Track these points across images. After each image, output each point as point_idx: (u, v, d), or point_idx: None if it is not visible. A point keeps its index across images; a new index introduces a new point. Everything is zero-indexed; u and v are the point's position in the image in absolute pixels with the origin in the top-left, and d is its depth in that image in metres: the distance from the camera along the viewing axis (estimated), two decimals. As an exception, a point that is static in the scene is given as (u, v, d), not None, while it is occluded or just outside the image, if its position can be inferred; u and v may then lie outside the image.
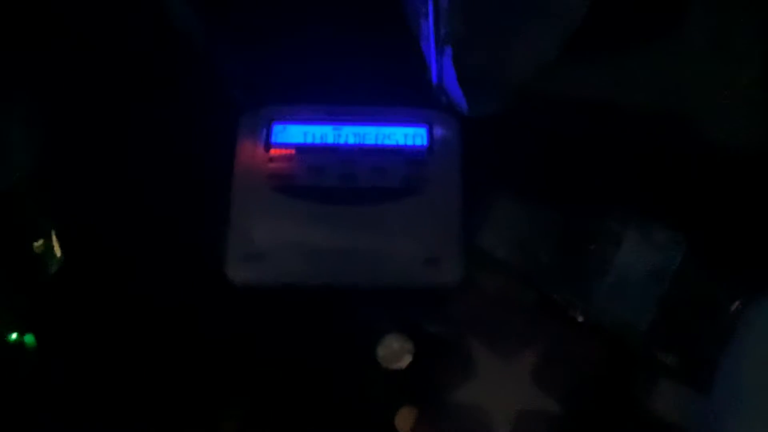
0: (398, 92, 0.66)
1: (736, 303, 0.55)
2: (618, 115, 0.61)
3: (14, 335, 0.61)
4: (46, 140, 0.65)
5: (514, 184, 0.62)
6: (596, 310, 0.57)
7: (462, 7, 0.58)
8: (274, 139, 0.64)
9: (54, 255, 0.62)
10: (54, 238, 0.63)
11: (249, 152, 0.64)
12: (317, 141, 0.64)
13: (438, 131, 0.64)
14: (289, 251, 0.60)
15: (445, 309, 0.60)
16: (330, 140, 0.64)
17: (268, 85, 0.66)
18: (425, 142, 0.64)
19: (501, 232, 0.61)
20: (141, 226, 0.64)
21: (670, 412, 0.55)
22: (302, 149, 0.64)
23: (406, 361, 0.59)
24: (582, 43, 0.61)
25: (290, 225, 0.61)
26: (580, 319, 0.59)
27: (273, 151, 0.63)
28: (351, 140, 0.64)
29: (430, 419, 0.57)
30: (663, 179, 0.61)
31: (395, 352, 0.59)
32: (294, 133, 0.64)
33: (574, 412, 0.57)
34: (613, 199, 0.60)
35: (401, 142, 0.64)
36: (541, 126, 0.63)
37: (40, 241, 0.62)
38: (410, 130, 0.64)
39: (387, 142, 0.64)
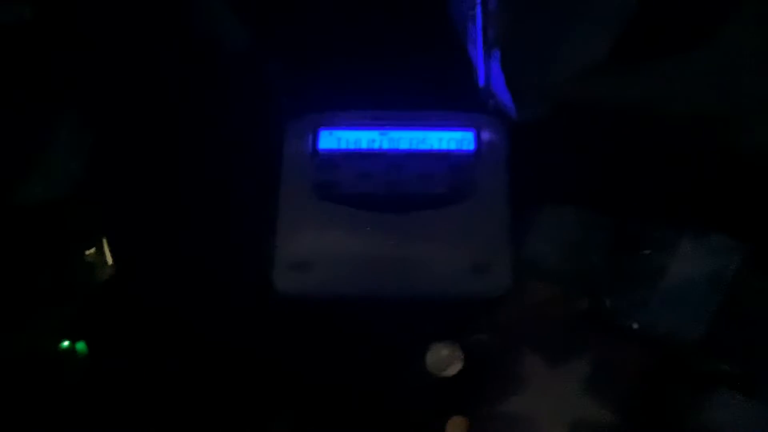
0: (445, 96, 0.65)
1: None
2: (669, 118, 0.60)
3: (66, 342, 0.62)
4: (96, 148, 0.66)
5: (564, 189, 0.61)
6: (650, 318, 0.56)
7: (510, 10, 0.57)
8: (320, 145, 0.64)
9: (105, 263, 0.63)
10: (105, 246, 0.63)
11: (296, 160, 0.63)
12: (363, 147, 0.63)
13: (485, 135, 0.63)
14: (336, 261, 0.60)
15: (495, 317, 0.59)
16: (376, 146, 0.63)
17: (314, 92, 0.66)
18: (472, 147, 0.63)
19: (551, 239, 0.60)
20: (190, 234, 0.64)
21: (726, 423, 0.54)
22: (349, 155, 0.63)
23: (455, 368, 0.58)
24: (630, 46, 0.59)
25: (338, 234, 0.60)
26: (635, 326, 0.57)
27: (320, 158, 0.63)
28: (397, 145, 0.63)
29: (480, 429, 0.56)
30: (719, 184, 0.59)
31: (444, 360, 0.58)
32: (340, 140, 0.64)
33: (626, 422, 0.55)
34: (667, 204, 0.59)
35: (448, 146, 0.63)
36: (589, 130, 0.62)
37: (92, 250, 0.63)
38: (457, 135, 0.63)
39: (434, 146, 0.63)
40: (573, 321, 0.59)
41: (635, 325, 0.57)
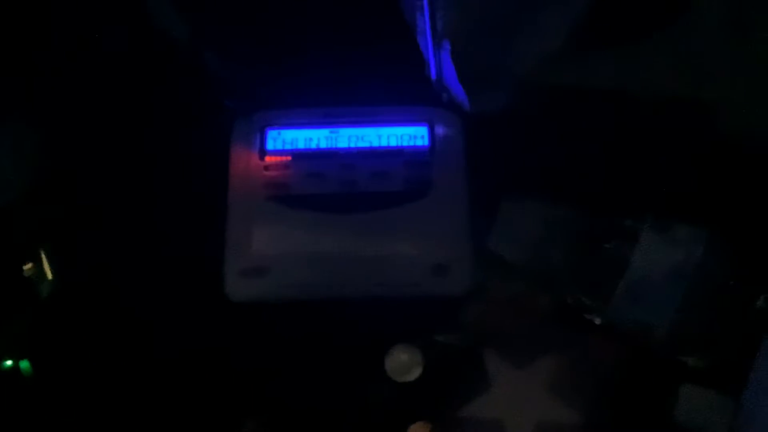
0: (396, 90, 0.63)
1: (761, 299, 0.52)
2: (629, 106, 0.58)
3: (9, 362, 0.59)
4: (41, 153, 0.63)
5: (523, 184, 0.59)
6: (614, 312, 0.55)
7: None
8: (268, 145, 0.61)
9: (45, 278, 0.60)
10: (44, 260, 0.60)
11: (243, 160, 0.61)
12: (314, 146, 0.61)
13: (440, 130, 0.61)
14: (289, 264, 0.58)
15: (456, 317, 0.58)
16: (327, 144, 0.61)
17: (261, 89, 0.63)
18: (427, 142, 0.61)
19: (511, 235, 0.58)
20: (134, 242, 0.61)
21: (694, 416, 0.52)
22: (299, 155, 0.61)
23: (415, 373, 0.56)
24: (588, 32, 0.57)
25: (290, 236, 0.58)
26: (598, 321, 0.56)
27: (268, 159, 0.61)
28: (349, 143, 0.61)
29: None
30: (679, 172, 0.58)
31: (404, 364, 0.56)
32: (289, 139, 0.62)
33: (594, 420, 0.54)
34: (627, 194, 0.57)
35: (402, 143, 0.61)
36: (548, 121, 0.60)
37: (30, 264, 0.60)
38: (411, 130, 0.61)
39: (387, 143, 0.61)
40: (536, 319, 0.57)
41: (597, 321, 0.56)
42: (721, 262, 0.53)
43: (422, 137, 0.61)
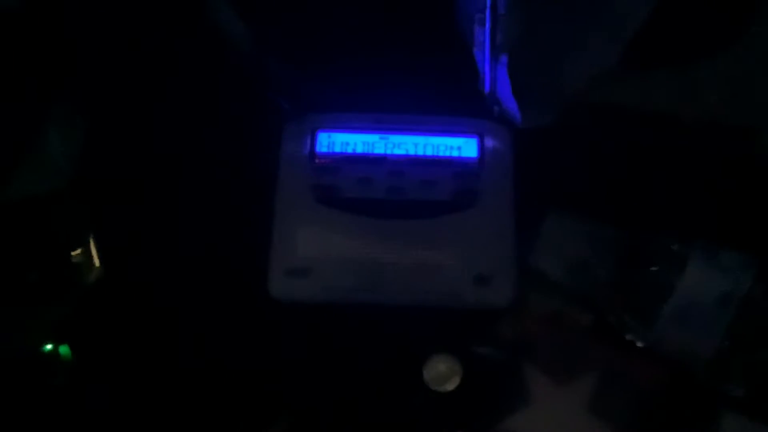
0: (448, 101, 0.63)
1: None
2: (681, 128, 0.58)
3: (49, 346, 0.59)
4: (87, 146, 0.63)
5: (571, 200, 0.59)
6: (657, 336, 0.54)
7: (520, 14, 0.55)
8: (318, 148, 0.62)
9: (92, 265, 0.61)
10: (93, 247, 0.61)
11: (293, 162, 0.61)
12: (364, 151, 0.61)
13: (489, 142, 0.61)
14: (333, 267, 0.58)
15: (497, 330, 0.58)
16: (377, 150, 0.61)
17: (314, 93, 0.64)
18: (476, 154, 0.61)
19: (556, 251, 0.58)
20: (182, 238, 0.62)
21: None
22: (348, 159, 0.61)
23: (454, 383, 0.56)
24: (642, 53, 0.57)
25: (335, 239, 0.59)
26: (640, 344, 0.56)
27: (318, 161, 0.61)
28: (399, 150, 0.61)
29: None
30: (731, 198, 0.57)
31: (442, 374, 0.56)
32: (340, 142, 0.62)
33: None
34: (676, 218, 0.57)
35: (451, 153, 0.61)
36: (598, 139, 0.60)
37: (79, 251, 0.61)
38: (460, 141, 0.62)
39: (436, 153, 0.61)
40: (578, 337, 0.57)
41: (639, 342, 0.56)
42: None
43: (472, 149, 0.61)
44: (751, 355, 0.53)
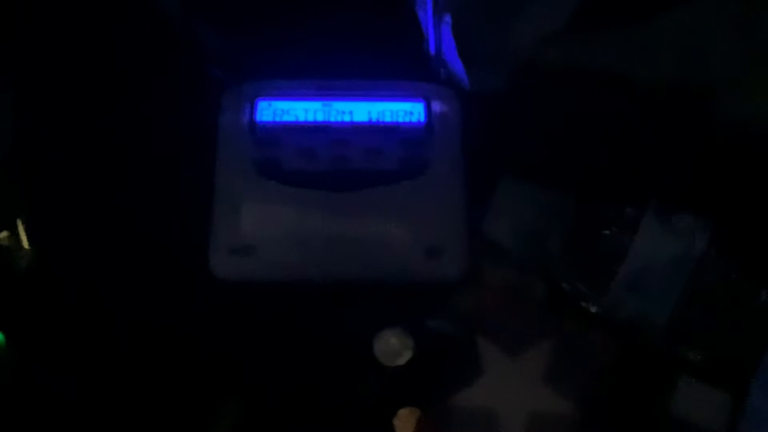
0: (393, 65, 0.61)
1: (764, 294, 0.51)
2: (632, 89, 0.56)
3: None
4: (16, 122, 0.60)
5: (520, 166, 0.57)
6: (611, 302, 0.53)
7: (463, -28, 0.53)
8: (258, 117, 0.59)
9: (21, 248, 0.58)
10: (21, 229, 0.58)
11: (232, 134, 0.58)
12: (306, 119, 0.59)
13: (437, 107, 0.59)
14: (278, 243, 0.56)
15: (449, 302, 0.56)
16: (319, 118, 0.59)
17: (251, 60, 0.61)
18: (423, 119, 0.59)
19: (507, 219, 0.57)
20: (117, 216, 0.59)
21: (692, 411, 0.51)
22: (290, 129, 0.58)
23: (405, 357, 0.54)
24: (591, 12, 0.55)
25: (279, 214, 0.56)
26: (594, 310, 0.54)
27: (258, 132, 0.58)
28: (343, 118, 0.59)
29: (432, 421, 0.53)
30: (683, 160, 0.56)
31: (393, 349, 0.55)
32: (280, 111, 0.59)
33: (588, 412, 0.53)
34: (628, 182, 0.55)
35: (397, 119, 0.59)
36: (548, 102, 0.58)
37: (4, 233, 0.57)
38: (407, 106, 0.59)
39: (381, 119, 0.59)
40: (532, 307, 0.56)
41: (593, 309, 0.55)
42: (725, 255, 0.52)
43: (419, 114, 0.59)
44: (707, 318, 0.52)
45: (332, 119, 0.59)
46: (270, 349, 0.57)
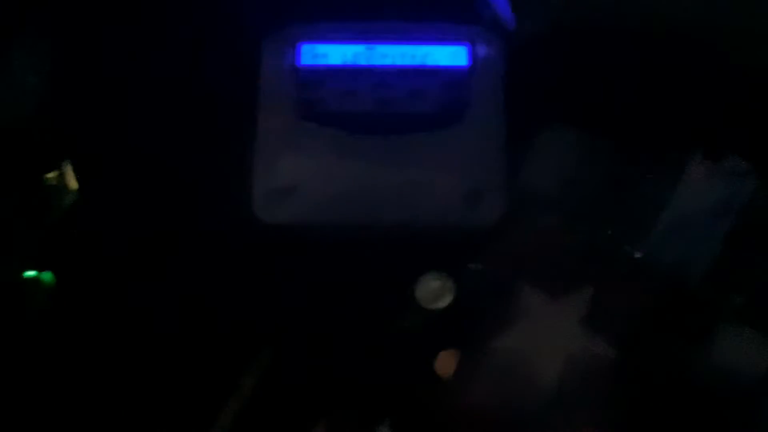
0: (436, 6, 0.60)
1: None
2: (678, 36, 0.55)
3: (32, 272, 0.57)
4: (59, 65, 0.60)
5: (563, 111, 0.57)
6: (654, 247, 0.53)
7: None
8: (300, 61, 0.59)
9: (67, 188, 0.59)
10: (69, 170, 0.59)
11: (275, 78, 0.58)
12: (348, 62, 0.59)
13: (480, 50, 0.58)
14: (319, 186, 0.56)
15: (489, 247, 0.56)
16: (362, 61, 0.58)
17: (294, 2, 0.60)
18: (466, 63, 0.58)
19: (548, 164, 0.56)
20: (161, 160, 0.59)
21: (733, 355, 0.51)
22: (332, 72, 0.58)
23: (446, 300, 0.55)
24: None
25: (321, 156, 0.56)
26: (637, 255, 0.54)
27: (301, 75, 0.58)
28: (385, 61, 0.58)
29: (472, 363, 0.53)
30: (729, 104, 0.55)
31: (434, 292, 0.55)
32: (323, 54, 0.59)
33: (627, 356, 0.53)
34: (674, 125, 0.55)
35: (440, 62, 0.58)
36: (592, 46, 0.57)
37: (54, 173, 0.58)
38: (449, 49, 0.58)
39: (424, 62, 0.58)
40: (572, 252, 0.55)
41: (637, 254, 0.54)
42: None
43: (461, 57, 0.58)
44: (747, 264, 0.51)
45: (375, 62, 0.58)
46: (311, 295, 0.57)
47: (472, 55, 0.58)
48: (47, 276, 0.58)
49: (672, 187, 0.52)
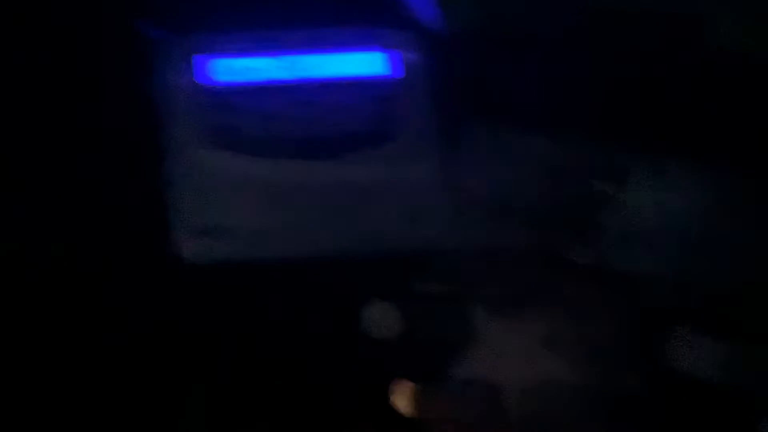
0: (353, 9, 0.54)
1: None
2: (620, 22, 0.53)
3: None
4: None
5: (503, 115, 0.53)
6: (604, 257, 0.51)
7: None
8: (206, 79, 0.52)
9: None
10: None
11: (177, 101, 0.52)
12: (262, 78, 0.52)
13: (410, 57, 0.54)
14: (248, 221, 0.51)
15: (436, 269, 0.53)
16: (278, 75, 0.52)
17: (187, 10, 0.53)
18: (396, 72, 0.53)
19: (491, 172, 0.53)
20: (61, 204, 0.52)
21: (692, 363, 0.51)
22: (245, 91, 0.52)
23: (394, 329, 0.52)
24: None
25: (244, 190, 0.51)
26: (583, 261, 0.52)
27: (208, 97, 0.52)
28: (305, 74, 0.53)
29: (430, 395, 0.51)
30: (678, 104, 0.53)
31: (382, 320, 0.52)
32: (230, 70, 0.52)
33: (593, 375, 0.52)
34: (615, 126, 0.53)
35: (366, 72, 0.53)
36: (529, 41, 0.54)
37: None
38: (375, 57, 0.53)
39: (346, 73, 0.53)
40: (524, 265, 0.53)
41: (583, 260, 0.53)
42: (724, 206, 0.50)
43: (391, 66, 0.53)
44: (704, 271, 0.51)
45: (293, 76, 0.53)
46: (254, 330, 0.53)
47: (404, 63, 0.53)
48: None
49: (619, 195, 0.51)
